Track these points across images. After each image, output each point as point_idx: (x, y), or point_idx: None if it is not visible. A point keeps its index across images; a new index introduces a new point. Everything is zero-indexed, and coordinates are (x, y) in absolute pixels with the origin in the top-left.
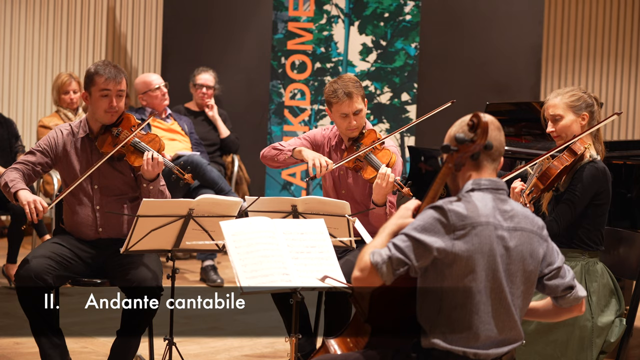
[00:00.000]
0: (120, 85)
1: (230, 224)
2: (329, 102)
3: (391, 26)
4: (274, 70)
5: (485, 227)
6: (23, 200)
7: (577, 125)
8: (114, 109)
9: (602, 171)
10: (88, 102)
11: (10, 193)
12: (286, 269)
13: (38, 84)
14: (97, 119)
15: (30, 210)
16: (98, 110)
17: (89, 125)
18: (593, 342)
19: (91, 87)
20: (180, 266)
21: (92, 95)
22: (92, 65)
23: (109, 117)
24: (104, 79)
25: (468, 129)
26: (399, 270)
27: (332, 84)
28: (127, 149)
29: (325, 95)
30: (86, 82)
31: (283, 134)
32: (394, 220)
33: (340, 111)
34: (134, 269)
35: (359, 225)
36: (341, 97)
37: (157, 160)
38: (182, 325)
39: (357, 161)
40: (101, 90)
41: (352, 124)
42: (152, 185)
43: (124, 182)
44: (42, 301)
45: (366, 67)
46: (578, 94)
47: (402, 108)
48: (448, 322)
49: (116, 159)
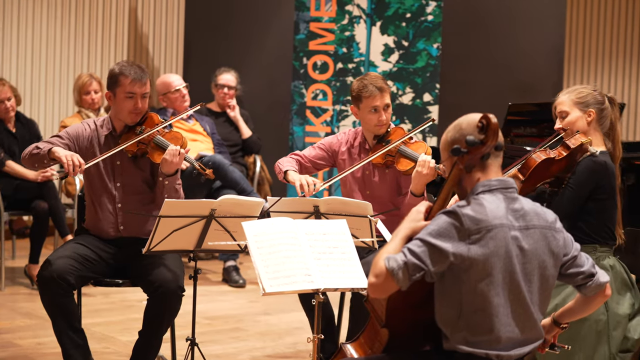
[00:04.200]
0: (145, 87)
1: (252, 224)
2: (357, 98)
3: (413, 26)
4: (296, 71)
5: (499, 229)
6: (60, 154)
7: (582, 122)
8: (139, 110)
9: (600, 165)
10: (111, 102)
11: (43, 153)
12: (308, 270)
13: (60, 84)
14: (121, 119)
15: (68, 163)
16: (122, 111)
17: (112, 124)
18: (610, 335)
19: (116, 88)
20: (202, 267)
21: (117, 96)
22: (115, 65)
23: (133, 118)
24: (129, 80)
25: (478, 131)
26: (415, 276)
27: (360, 80)
28: (150, 145)
29: (354, 92)
30: (110, 82)
31: (305, 135)
32: (407, 224)
33: (371, 105)
34: (156, 269)
35: (381, 226)
36: (372, 90)
37: (179, 152)
38: (204, 326)
39: (388, 156)
40: (127, 92)
41: (383, 119)
42: (168, 180)
43: (143, 181)
44: (65, 301)
45: (388, 68)
46: (585, 92)
47: (424, 109)
48: (469, 326)
49: (139, 156)
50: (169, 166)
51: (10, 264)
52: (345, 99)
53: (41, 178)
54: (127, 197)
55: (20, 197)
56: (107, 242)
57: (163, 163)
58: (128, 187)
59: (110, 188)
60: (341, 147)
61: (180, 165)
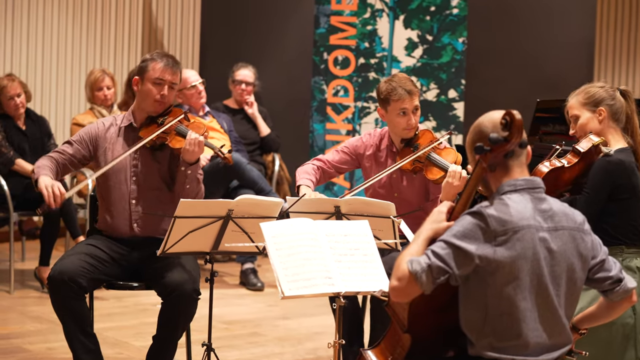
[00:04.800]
0: (175, 77)
1: (270, 225)
2: (385, 100)
3: (438, 20)
4: (316, 66)
5: (526, 230)
6: (41, 185)
7: (594, 122)
8: (165, 98)
9: (616, 164)
10: (137, 89)
11: (33, 179)
12: (329, 273)
13: (71, 80)
14: (144, 108)
15: (48, 195)
16: (148, 99)
17: (134, 116)
18: (637, 339)
19: (145, 73)
20: (219, 269)
21: (145, 82)
22: (148, 54)
23: (157, 107)
24: (161, 66)
25: (501, 128)
26: (439, 279)
27: (388, 83)
28: (170, 134)
29: (382, 94)
30: (140, 69)
31: (325, 132)
32: (429, 225)
33: (399, 107)
34: (171, 271)
35: (404, 227)
36: (402, 93)
37: (198, 140)
38: (221, 330)
39: (417, 162)
40: (156, 77)
41: (411, 122)
42: (190, 169)
43: (160, 176)
44: (76, 305)
45: (412, 63)
46: (593, 90)
47: (449, 105)
48: (495, 331)
49: (158, 147)
50: (190, 154)
51: (19, 266)
52: (367, 96)
53: None
54: (143, 192)
55: (30, 197)
56: (120, 242)
57: (184, 152)
58: (144, 182)
59: (126, 182)
60: (366, 151)
61: (202, 152)
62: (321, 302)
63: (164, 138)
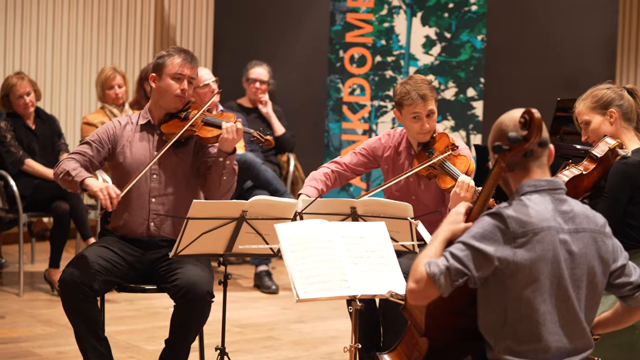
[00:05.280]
0: (193, 72)
1: (285, 227)
2: (399, 104)
3: (456, 17)
4: (332, 64)
5: (547, 232)
6: (94, 187)
7: (606, 125)
8: (185, 93)
9: (634, 166)
10: (155, 85)
11: (75, 182)
12: (345, 275)
13: (82, 79)
14: (162, 105)
15: (104, 197)
16: (167, 95)
17: (151, 114)
18: None
19: (163, 69)
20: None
21: (163, 77)
22: (164, 50)
23: (178, 102)
24: (179, 60)
25: (520, 127)
26: (457, 282)
27: (403, 85)
28: (197, 125)
29: (395, 97)
30: (157, 65)
31: (341, 132)
32: (446, 227)
33: (412, 111)
34: (184, 274)
35: (421, 229)
36: (415, 98)
37: (236, 127)
38: (235, 334)
39: (431, 169)
40: (175, 73)
41: (425, 127)
42: (229, 159)
43: (182, 172)
44: (87, 308)
45: (429, 61)
46: (599, 93)
47: (468, 104)
48: (514, 335)
49: (182, 141)
50: (228, 144)
51: (29, 268)
52: (384, 94)
53: None
54: (163, 190)
55: (40, 198)
56: (133, 243)
57: (222, 141)
58: (166, 179)
59: (146, 180)
60: (384, 152)
61: (240, 139)
62: (337, 305)
63: (191, 131)
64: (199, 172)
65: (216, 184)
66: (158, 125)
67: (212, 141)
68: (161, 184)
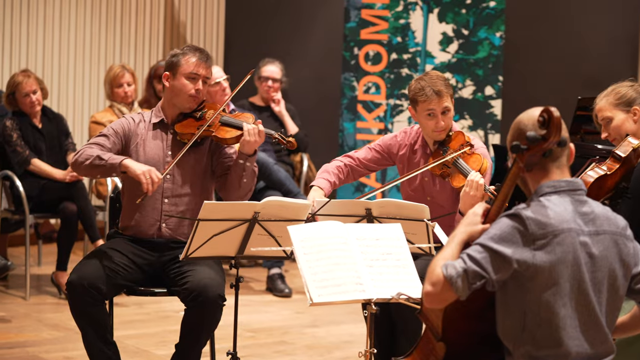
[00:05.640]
0: (208, 71)
1: (298, 228)
2: (414, 101)
3: (474, 14)
4: (346, 62)
5: (567, 234)
6: (136, 170)
7: (629, 123)
8: (199, 93)
9: None
10: (168, 84)
11: (111, 164)
12: (360, 278)
13: (90, 77)
14: (176, 104)
15: (147, 181)
16: (181, 94)
17: (164, 112)
18: None
19: (177, 68)
20: (244, 274)
21: (177, 77)
22: (177, 49)
23: (192, 102)
24: (194, 60)
25: (539, 126)
26: (475, 285)
27: (418, 82)
28: (214, 126)
29: (410, 94)
30: (171, 63)
31: (356, 131)
32: (463, 228)
33: (426, 108)
34: (194, 277)
35: (438, 231)
36: (429, 94)
37: (258, 129)
38: (247, 338)
39: (444, 167)
40: (189, 72)
41: (440, 124)
42: (249, 161)
43: (196, 173)
44: (96, 312)
45: (446, 59)
46: (623, 89)
47: (486, 103)
48: (534, 340)
49: (198, 141)
50: (250, 146)
51: (36, 271)
52: (400, 93)
53: (70, 178)
54: (176, 190)
55: (47, 199)
56: (143, 245)
57: (244, 143)
58: (179, 179)
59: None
60: (400, 150)
61: (262, 141)
62: (351, 309)
63: (208, 131)
64: (215, 172)
65: (236, 185)
66: (172, 124)
67: (231, 142)
68: (175, 184)
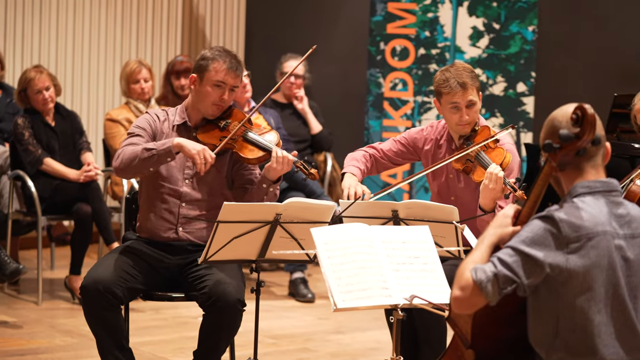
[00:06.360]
0: (237, 80)
1: (322, 231)
2: (438, 92)
3: (505, 7)
4: (372, 58)
5: (602, 237)
6: (191, 149)
7: None
8: (224, 103)
9: None
10: (195, 87)
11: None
12: (386, 283)
13: (105, 72)
14: (201, 110)
15: (201, 161)
16: (205, 101)
17: (188, 114)
18: None
19: (205, 73)
20: (266, 279)
21: (204, 82)
22: (209, 50)
23: (215, 111)
24: (224, 68)
25: (572, 123)
26: (506, 289)
27: (443, 72)
28: (236, 141)
29: (434, 85)
30: (200, 66)
31: (382, 130)
32: (493, 230)
33: (450, 101)
34: (213, 281)
35: (468, 234)
36: (454, 86)
37: (287, 159)
38: (268, 345)
39: (467, 161)
40: (217, 80)
41: (464, 118)
42: (272, 187)
43: (216, 181)
44: (111, 317)
45: (477, 54)
46: None
47: (518, 100)
48: (567, 347)
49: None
50: (276, 173)
51: (48, 275)
52: (427, 90)
53: (84, 178)
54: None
55: (60, 200)
56: (160, 247)
57: (269, 170)
58: (197, 185)
59: (178, 184)
60: (425, 145)
61: (288, 169)
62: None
63: (230, 145)
64: (234, 183)
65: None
66: (194, 128)
67: (253, 162)
68: (194, 189)
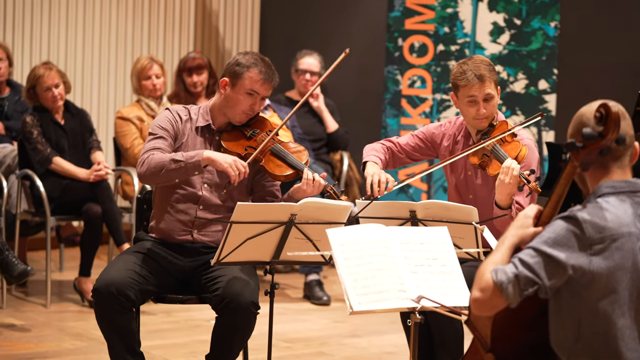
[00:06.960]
0: (270, 91)
1: (338, 232)
2: (455, 86)
3: (527, 2)
4: (390, 54)
5: (627, 239)
6: (223, 163)
7: None
8: (254, 112)
9: None
10: (224, 91)
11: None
12: (403, 285)
13: (116, 69)
14: (227, 114)
15: (235, 174)
16: (235, 108)
17: (212, 116)
18: None
19: (238, 80)
20: (280, 281)
21: (236, 88)
22: (243, 55)
23: (242, 118)
24: (260, 79)
25: (596, 122)
26: (527, 291)
27: (460, 65)
28: (264, 153)
29: (451, 77)
30: (234, 71)
31: (400, 128)
32: (513, 231)
33: (467, 94)
34: (227, 283)
35: (488, 235)
36: (471, 79)
37: (319, 183)
38: (282, 349)
39: (484, 157)
40: (250, 89)
41: (481, 112)
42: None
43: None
44: (123, 320)
45: (497, 50)
46: None
47: (540, 98)
48: (590, 351)
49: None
50: (304, 194)
51: (57, 276)
52: (447, 87)
53: (94, 177)
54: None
55: (70, 200)
56: (173, 249)
57: (297, 191)
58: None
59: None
60: (443, 141)
61: (317, 193)
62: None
63: (258, 158)
64: (253, 192)
65: None
66: (218, 131)
67: (281, 179)
68: (212, 194)
